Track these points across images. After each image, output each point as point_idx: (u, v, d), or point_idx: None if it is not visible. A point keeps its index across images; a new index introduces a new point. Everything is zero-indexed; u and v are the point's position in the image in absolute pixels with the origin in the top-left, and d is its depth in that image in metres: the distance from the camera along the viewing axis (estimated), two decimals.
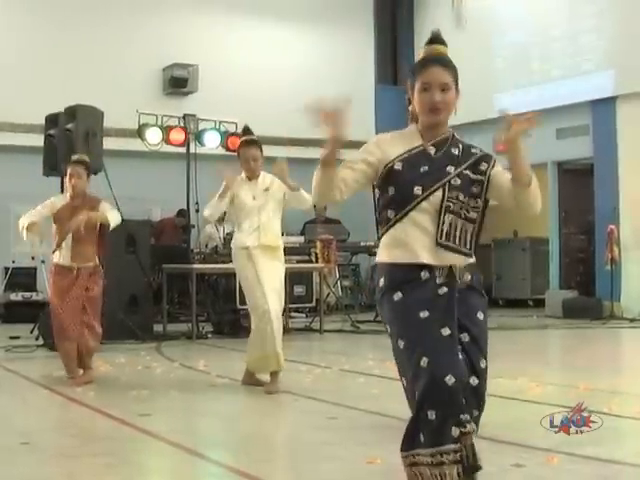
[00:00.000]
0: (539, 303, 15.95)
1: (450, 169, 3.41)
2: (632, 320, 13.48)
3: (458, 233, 3.39)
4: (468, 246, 3.42)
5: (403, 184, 3.42)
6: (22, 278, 14.05)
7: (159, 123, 12.49)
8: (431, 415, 3.21)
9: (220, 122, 12.97)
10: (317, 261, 12.84)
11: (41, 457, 4.85)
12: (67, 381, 7.52)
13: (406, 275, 3.39)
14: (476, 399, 3.36)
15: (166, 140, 12.47)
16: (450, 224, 3.39)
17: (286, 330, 8.83)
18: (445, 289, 3.38)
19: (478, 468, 3.32)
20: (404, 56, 18.59)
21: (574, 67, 15.17)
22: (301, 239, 14.17)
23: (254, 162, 7.28)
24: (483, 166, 3.44)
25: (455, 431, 3.22)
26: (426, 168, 3.42)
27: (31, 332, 10.88)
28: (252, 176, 7.31)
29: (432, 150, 3.46)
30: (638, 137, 14.17)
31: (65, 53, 14.92)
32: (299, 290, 12.61)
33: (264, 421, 6.17)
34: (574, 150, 15.43)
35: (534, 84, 15.76)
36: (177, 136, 12.52)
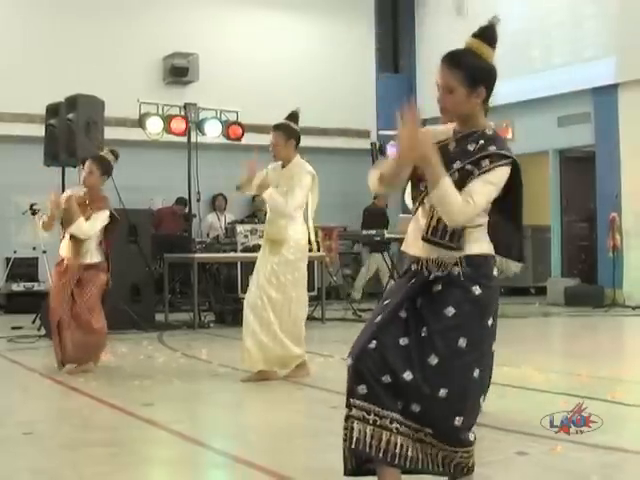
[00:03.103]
0: (541, 291, 15.93)
1: (456, 165, 3.37)
2: (634, 308, 13.47)
3: (443, 226, 3.37)
4: (455, 240, 3.37)
5: (416, 179, 3.46)
6: (24, 268, 14.04)
7: (160, 112, 12.46)
8: None
9: (221, 111, 12.94)
10: (318, 250, 12.82)
11: (44, 447, 4.86)
12: (65, 368, 7.59)
13: (407, 264, 3.52)
14: (408, 393, 3.28)
15: (167, 129, 12.44)
16: (439, 220, 3.38)
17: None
18: (413, 280, 3.41)
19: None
20: (405, 44, 18.55)
21: (575, 54, 15.12)
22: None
23: (274, 148, 7.15)
24: (484, 163, 3.35)
25: (349, 410, 3.34)
26: None
27: (33, 322, 10.89)
28: (283, 163, 7.19)
29: (453, 145, 3.44)
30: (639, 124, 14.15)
31: (65, 43, 14.87)
32: None
33: (266, 410, 6.18)
34: (576, 138, 15.39)
35: (535, 71, 15.72)
36: (178, 125, 12.48)
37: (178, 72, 15.66)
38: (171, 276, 12.71)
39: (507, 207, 3.45)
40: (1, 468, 4.38)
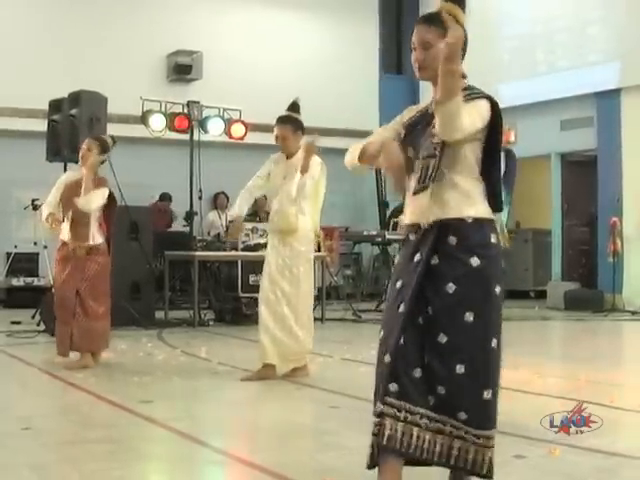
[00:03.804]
0: (541, 295, 15.94)
1: (435, 120, 3.36)
2: (634, 313, 13.47)
3: (428, 172, 3.39)
4: (423, 179, 3.40)
5: (404, 148, 3.49)
6: (24, 263, 14.04)
7: (163, 110, 12.47)
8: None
9: (224, 109, 12.95)
10: (319, 250, 12.83)
11: (42, 442, 4.86)
12: (64, 364, 7.59)
13: (404, 234, 3.61)
14: (429, 378, 3.32)
15: (170, 127, 12.45)
16: (421, 167, 3.42)
17: None
18: (418, 256, 3.41)
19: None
20: (409, 45, 18.49)
21: (579, 58, 15.12)
22: None
23: (283, 142, 7.11)
24: None
25: (378, 405, 3.35)
26: (419, 127, 3.47)
27: (32, 317, 10.89)
28: (288, 154, 7.15)
29: (432, 107, 3.42)
30: None
31: (69, 38, 14.88)
32: None
33: (266, 409, 6.18)
34: (578, 142, 15.40)
35: (539, 75, 15.73)
36: (181, 123, 12.49)
37: (182, 70, 15.67)
38: (171, 274, 12.70)
39: (491, 149, 3.44)
40: None
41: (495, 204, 3.48)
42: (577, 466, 4.32)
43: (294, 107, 7.24)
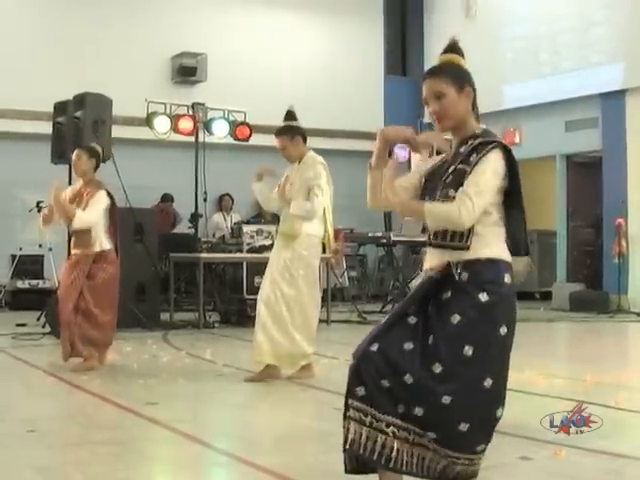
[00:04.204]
0: (546, 296, 15.91)
1: (450, 169, 3.38)
2: (639, 314, 13.44)
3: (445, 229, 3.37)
4: (458, 239, 3.34)
5: (421, 197, 3.48)
6: (29, 265, 14.06)
7: (168, 112, 12.48)
8: None
9: (229, 111, 12.96)
10: (324, 251, 12.82)
11: (47, 445, 4.86)
12: (69, 366, 7.60)
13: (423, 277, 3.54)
14: (410, 396, 3.26)
15: (175, 129, 12.45)
16: None
17: None
18: (426, 286, 3.40)
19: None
20: (413, 47, 18.54)
21: (584, 59, 15.11)
22: None
23: (283, 152, 7.19)
24: (472, 157, 3.33)
25: (346, 410, 3.41)
26: (437, 177, 3.45)
27: (38, 320, 10.90)
28: (293, 162, 7.22)
29: (450, 155, 3.45)
30: None
31: (73, 41, 14.90)
32: None
33: (271, 411, 6.18)
34: (583, 143, 15.38)
35: (543, 76, 15.71)
36: (186, 125, 12.49)
37: (186, 72, 15.68)
38: (177, 276, 12.71)
39: (511, 196, 3.40)
40: (4, 465, 4.39)
41: (515, 248, 3.46)
42: (583, 467, 4.32)
43: (288, 116, 7.30)
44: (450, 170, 3.37)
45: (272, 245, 7.49)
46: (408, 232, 13.47)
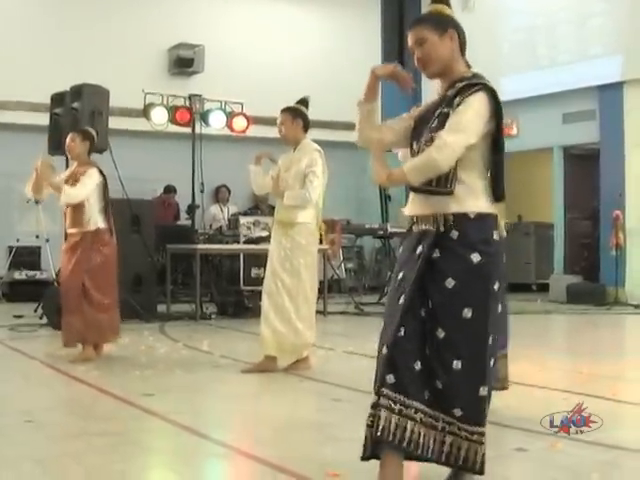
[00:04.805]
0: (543, 288, 15.93)
1: (437, 112, 3.41)
2: (636, 306, 13.46)
3: None
4: (443, 183, 3.36)
5: (410, 141, 3.53)
6: (26, 257, 14.05)
7: (165, 103, 12.47)
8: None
9: (225, 102, 12.95)
10: (321, 243, 12.82)
11: (45, 435, 4.86)
12: (66, 357, 7.60)
13: (407, 224, 3.61)
14: (429, 371, 3.33)
15: (172, 120, 12.45)
16: None
17: None
18: (420, 249, 3.41)
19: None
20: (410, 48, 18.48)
21: (581, 52, 15.09)
22: None
23: (280, 126, 7.11)
24: (456, 100, 3.37)
25: (378, 398, 3.36)
26: (425, 122, 3.49)
27: (35, 311, 10.90)
28: (289, 144, 7.18)
29: (437, 99, 3.50)
30: None
31: (71, 32, 14.87)
32: None
33: (268, 402, 6.18)
34: (580, 135, 15.37)
35: (541, 68, 15.69)
36: (182, 116, 12.50)
37: (183, 63, 15.65)
38: (173, 267, 12.69)
39: (496, 140, 3.43)
40: (1, 456, 4.39)
41: (496, 193, 3.47)
42: (578, 459, 4.32)
43: (302, 101, 7.28)
44: (436, 114, 3.41)
45: (269, 237, 7.46)
46: (405, 223, 13.45)
